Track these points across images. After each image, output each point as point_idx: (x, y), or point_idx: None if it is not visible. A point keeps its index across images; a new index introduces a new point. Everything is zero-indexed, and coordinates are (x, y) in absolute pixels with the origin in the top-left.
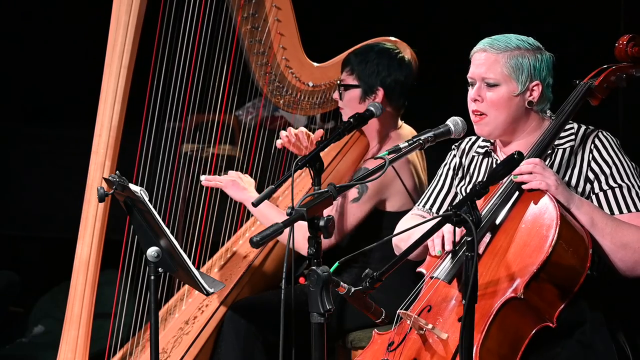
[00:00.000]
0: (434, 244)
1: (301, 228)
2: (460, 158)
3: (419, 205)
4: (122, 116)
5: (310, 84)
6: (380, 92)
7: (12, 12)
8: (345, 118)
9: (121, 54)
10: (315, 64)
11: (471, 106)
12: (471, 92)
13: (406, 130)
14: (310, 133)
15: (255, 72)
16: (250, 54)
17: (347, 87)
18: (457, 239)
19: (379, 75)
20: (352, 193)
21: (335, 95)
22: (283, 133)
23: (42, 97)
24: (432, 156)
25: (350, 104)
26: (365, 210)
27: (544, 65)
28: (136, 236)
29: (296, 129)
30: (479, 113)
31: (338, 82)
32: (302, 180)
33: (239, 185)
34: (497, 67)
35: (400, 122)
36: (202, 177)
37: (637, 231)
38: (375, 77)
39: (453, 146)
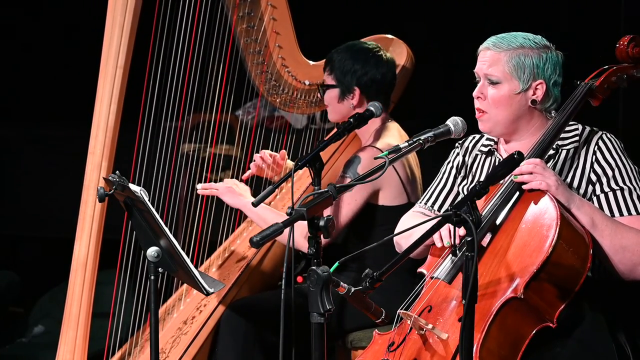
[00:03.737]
0: (441, 236)
1: (299, 225)
2: (464, 156)
3: (420, 202)
4: (119, 116)
5: (307, 82)
6: (357, 92)
7: (10, 12)
8: (329, 116)
9: (117, 54)
10: (312, 63)
11: (475, 103)
12: (475, 89)
13: (394, 125)
14: (275, 153)
15: (252, 71)
16: (246, 53)
17: (326, 87)
18: (458, 238)
19: (355, 75)
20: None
21: (319, 94)
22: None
23: (41, 97)
24: (430, 154)
25: (331, 103)
26: (360, 201)
27: (549, 64)
28: (135, 236)
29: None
30: (480, 110)
31: (321, 81)
32: (299, 180)
33: (235, 192)
34: (499, 66)
35: (389, 118)
36: (198, 186)
37: (636, 234)
38: (351, 77)
39: (457, 144)
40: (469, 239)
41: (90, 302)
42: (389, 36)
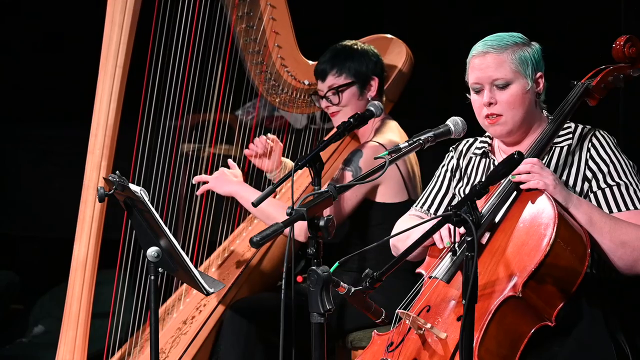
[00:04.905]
0: (441, 236)
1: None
2: (458, 160)
3: (416, 206)
4: (118, 116)
5: (306, 82)
6: (375, 81)
7: (9, 12)
8: (337, 120)
9: (116, 54)
10: (311, 62)
11: (484, 111)
12: (479, 98)
13: (393, 122)
14: (269, 140)
15: (251, 71)
16: (245, 52)
17: (343, 87)
18: (457, 238)
19: (369, 66)
20: (347, 178)
21: (324, 103)
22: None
23: (41, 97)
24: (430, 155)
25: (350, 102)
26: (360, 195)
27: (539, 55)
28: (135, 235)
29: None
30: (494, 115)
31: (318, 92)
32: (298, 180)
33: (225, 179)
34: (505, 66)
35: (388, 116)
36: (193, 181)
37: (635, 229)
38: (366, 69)
39: (451, 148)
40: (469, 239)
41: (90, 301)
42: (388, 36)
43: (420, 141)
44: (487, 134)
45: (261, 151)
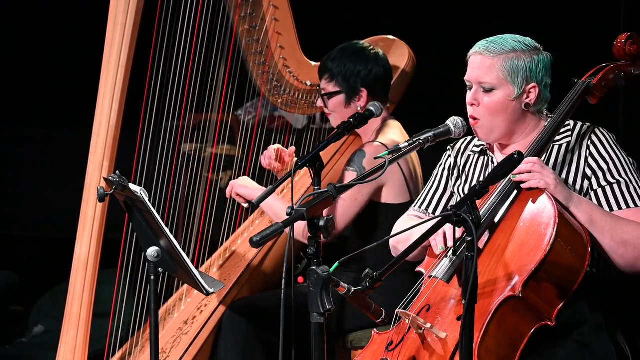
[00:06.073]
0: (436, 242)
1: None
2: (455, 158)
3: (415, 206)
4: (120, 116)
5: (308, 82)
6: (364, 93)
7: (10, 13)
8: (334, 123)
9: (119, 54)
10: (313, 63)
11: (469, 110)
12: (468, 96)
13: (395, 123)
14: (284, 148)
15: (253, 72)
16: (248, 53)
17: (330, 95)
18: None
19: (359, 76)
20: (350, 178)
21: (319, 103)
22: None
23: (42, 97)
24: (430, 155)
25: (337, 110)
26: (365, 196)
27: (541, 67)
28: (135, 236)
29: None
30: (474, 117)
31: (320, 91)
32: (300, 180)
33: (250, 183)
34: (492, 72)
35: (390, 116)
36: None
37: (636, 227)
38: (355, 79)
39: (448, 147)
40: (469, 239)
41: (91, 301)
42: (391, 37)
43: (420, 141)
44: None
45: (270, 161)
